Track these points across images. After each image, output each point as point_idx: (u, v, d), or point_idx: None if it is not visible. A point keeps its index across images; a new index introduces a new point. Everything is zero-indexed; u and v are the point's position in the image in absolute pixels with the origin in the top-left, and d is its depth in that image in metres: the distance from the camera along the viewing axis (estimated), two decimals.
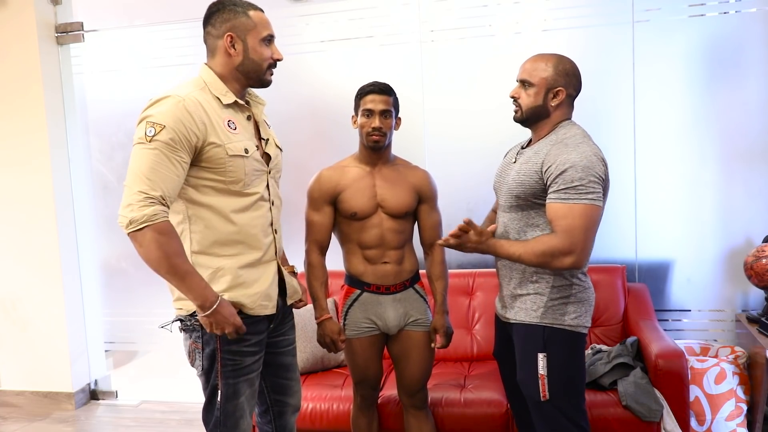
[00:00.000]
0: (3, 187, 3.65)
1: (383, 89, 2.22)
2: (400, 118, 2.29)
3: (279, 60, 1.87)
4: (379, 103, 2.19)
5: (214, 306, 1.70)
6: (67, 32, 3.65)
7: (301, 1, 3.39)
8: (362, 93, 2.23)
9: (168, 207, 1.68)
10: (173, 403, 3.66)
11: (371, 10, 3.33)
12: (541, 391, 1.90)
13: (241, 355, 1.81)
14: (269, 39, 1.84)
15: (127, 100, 3.64)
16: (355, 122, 2.27)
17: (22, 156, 3.59)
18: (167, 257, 1.64)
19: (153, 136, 1.64)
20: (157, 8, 3.59)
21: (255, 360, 1.86)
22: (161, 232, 1.63)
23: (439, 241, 1.95)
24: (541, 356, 1.89)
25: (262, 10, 1.86)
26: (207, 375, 1.82)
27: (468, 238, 1.88)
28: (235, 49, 1.80)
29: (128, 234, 1.64)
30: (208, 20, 1.84)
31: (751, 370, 2.72)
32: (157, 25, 3.58)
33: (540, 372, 1.89)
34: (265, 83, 1.88)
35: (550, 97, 1.90)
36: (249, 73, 1.83)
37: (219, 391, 1.81)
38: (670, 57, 3.06)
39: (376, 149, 2.23)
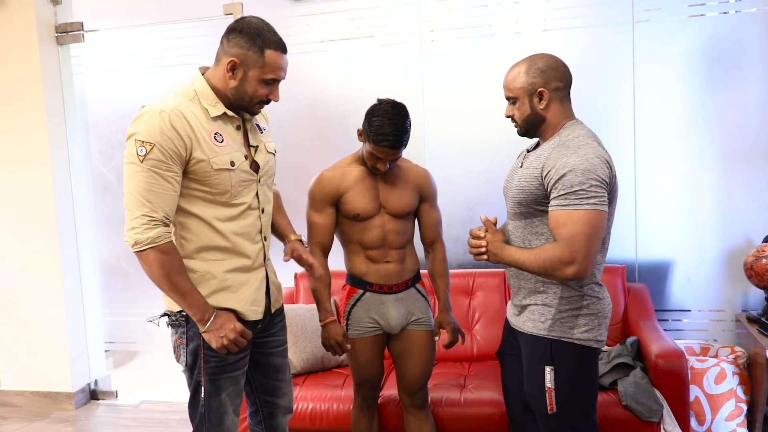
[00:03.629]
0: (3, 187, 3.64)
1: (397, 144, 2.09)
2: None
3: (275, 101, 1.84)
4: (390, 155, 2.13)
5: (212, 318, 1.77)
6: (67, 32, 3.64)
7: (301, 1, 3.39)
8: (376, 139, 2.09)
9: (170, 225, 1.74)
10: (173, 403, 3.65)
11: (371, 10, 3.33)
12: (548, 403, 1.84)
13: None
14: (272, 81, 1.80)
15: (127, 100, 3.64)
16: (360, 136, 2.19)
17: (22, 156, 3.59)
18: (169, 275, 1.72)
19: (145, 155, 1.67)
20: (157, 8, 3.60)
21: (239, 358, 1.87)
22: (164, 252, 1.70)
23: (483, 216, 1.92)
24: (548, 369, 1.83)
25: (284, 51, 1.80)
26: (191, 371, 1.84)
27: (488, 239, 1.87)
28: (233, 75, 1.77)
29: (134, 252, 1.71)
30: (228, 32, 1.79)
31: (751, 370, 2.72)
32: (157, 25, 3.58)
33: (547, 385, 1.84)
34: (249, 113, 1.87)
35: (535, 101, 1.84)
36: (238, 101, 1.81)
37: (202, 388, 1.83)
38: (670, 57, 3.06)
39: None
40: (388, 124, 2.08)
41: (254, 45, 1.74)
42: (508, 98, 1.90)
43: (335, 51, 3.40)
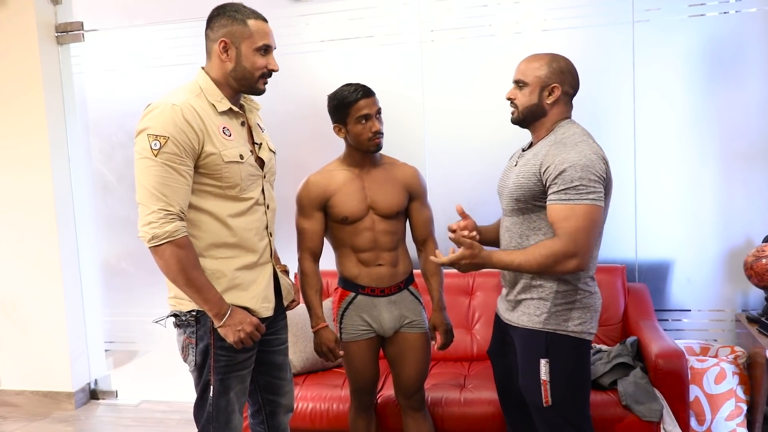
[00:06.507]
0: (3, 187, 3.64)
1: (369, 91, 2.17)
2: None
3: (274, 71, 1.87)
4: (372, 105, 2.15)
5: (228, 312, 1.78)
6: (67, 32, 3.65)
7: (301, 1, 3.39)
8: (351, 101, 2.14)
9: (184, 219, 1.74)
10: (173, 402, 3.66)
11: (371, 10, 3.33)
12: (543, 396, 1.87)
13: (234, 351, 1.83)
14: (265, 49, 1.83)
15: (127, 100, 3.64)
16: (340, 131, 2.21)
17: (22, 156, 3.59)
18: (185, 270, 1.72)
19: (159, 149, 1.67)
20: (157, 8, 3.59)
21: (247, 357, 1.89)
22: (180, 246, 1.71)
23: (432, 258, 1.88)
24: (543, 362, 1.86)
25: (265, 20, 1.85)
26: (200, 370, 1.85)
27: (462, 255, 1.80)
28: (227, 55, 1.81)
29: (150, 248, 1.71)
30: (208, 23, 1.86)
31: (751, 370, 2.72)
32: (157, 25, 3.58)
33: (542, 378, 1.86)
34: (257, 91, 1.89)
35: (545, 95, 1.88)
36: (241, 81, 1.84)
37: (211, 387, 1.83)
38: (670, 57, 3.06)
39: (377, 150, 2.22)
40: (347, 87, 2.17)
41: (236, 20, 1.80)
42: (517, 81, 1.92)
43: (335, 51, 3.40)
